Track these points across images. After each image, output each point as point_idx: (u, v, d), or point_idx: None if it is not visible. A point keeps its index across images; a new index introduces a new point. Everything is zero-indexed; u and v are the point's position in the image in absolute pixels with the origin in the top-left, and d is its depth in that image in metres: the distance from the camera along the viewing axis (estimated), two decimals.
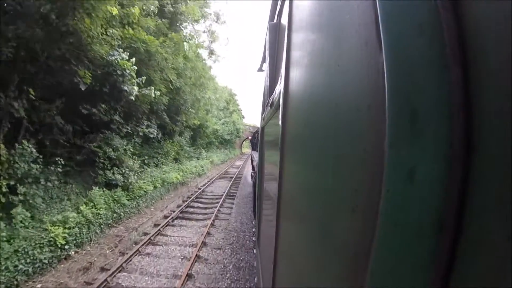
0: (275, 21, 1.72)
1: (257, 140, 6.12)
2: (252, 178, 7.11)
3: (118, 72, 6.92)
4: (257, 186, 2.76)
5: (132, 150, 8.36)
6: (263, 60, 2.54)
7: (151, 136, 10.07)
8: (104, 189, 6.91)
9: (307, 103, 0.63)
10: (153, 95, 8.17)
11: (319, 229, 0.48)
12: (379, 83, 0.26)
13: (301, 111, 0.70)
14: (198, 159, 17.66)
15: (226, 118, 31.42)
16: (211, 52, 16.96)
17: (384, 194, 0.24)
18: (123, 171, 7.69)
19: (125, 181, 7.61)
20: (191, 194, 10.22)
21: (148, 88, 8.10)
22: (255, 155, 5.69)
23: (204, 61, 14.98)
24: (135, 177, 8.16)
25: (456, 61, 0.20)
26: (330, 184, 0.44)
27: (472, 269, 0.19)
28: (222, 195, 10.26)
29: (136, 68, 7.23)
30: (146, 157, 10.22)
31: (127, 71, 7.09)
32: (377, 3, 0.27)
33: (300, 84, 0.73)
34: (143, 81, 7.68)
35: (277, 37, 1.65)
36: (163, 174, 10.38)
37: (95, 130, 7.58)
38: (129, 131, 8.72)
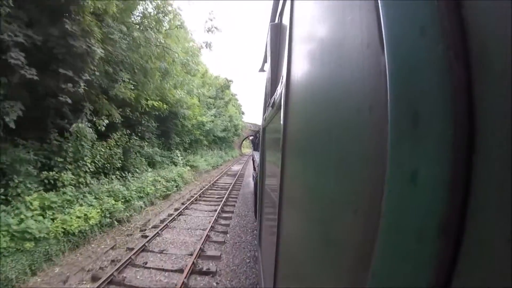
0: (276, 21, 1.77)
1: (259, 140, 6.12)
2: (253, 179, 6.33)
3: None
4: (259, 186, 2.76)
5: None
6: (265, 61, 2.61)
7: None
8: None
9: (309, 104, 0.64)
10: None
11: (321, 230, 0.49)
12: (381, 85, 0.27)
13: (303, 112, 0.71)
14: (175, 165, 12.68)
15: (219, 108, 25.84)
16: None
17: (386, 195, 0.25)
18: None
19: None
20: (100, 269, 4.51)
21: None
22: (257, 155, 5.65)
23: None
24: None
25: (459, 63, 0.21)
26: (331, 185, 0.45)
27: (473, 270, 0.19)
28: (182, 270, 4.36)
29: None
30: None
31: None
32: (379, 4, 0.27)
33: (301, 84, 0.74)
34: None
35: (279, 37, 1.68)
36: (19, 221, 4.52)
37: None
38: None
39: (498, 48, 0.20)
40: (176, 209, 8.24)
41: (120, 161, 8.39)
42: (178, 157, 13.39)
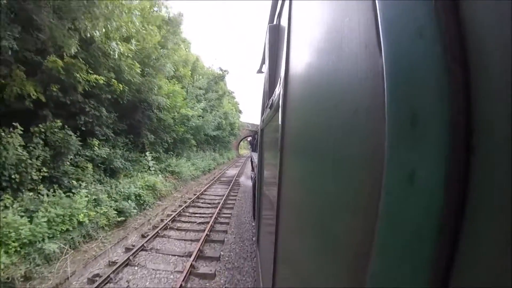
0: (275, 22, 1.77)
1: (257, 141, 6.15)
2: (251, 180, 6.30)
3: None
4: (257, 187, 2.76)
5: None
6: (263, 62, 2.61)
7: None
8: None
9: (307, 105, 0.64)
10: None
11: (319, 231, 0.49)
12: (378, 86, 0.27)
13: (301, 113, 0.72)
14: (146, 172, 9.38)
15: (211, 101, 21.23)
16: None
17: (384, 196, 0.25)
18: None
19: None
20: None
21: None
22: (255, 157, 5.69)
23: None
24: None
25: (457, 63, 0.21)
26: (329, 185, 0.45)
27: (472, 270, 0.19)
28: None
29: None
30: None
31: None
32: (377, 5, 0.27)
33: (299, 85, 0.75)
34: None
35: (277, 38, 1.67)
36: None
37: None
38: None
39: (496, 48, 0.20)
40: (126, 250, 4.94)
41: (43, 170, 5.19)
42: (148, 161, 9.65)
